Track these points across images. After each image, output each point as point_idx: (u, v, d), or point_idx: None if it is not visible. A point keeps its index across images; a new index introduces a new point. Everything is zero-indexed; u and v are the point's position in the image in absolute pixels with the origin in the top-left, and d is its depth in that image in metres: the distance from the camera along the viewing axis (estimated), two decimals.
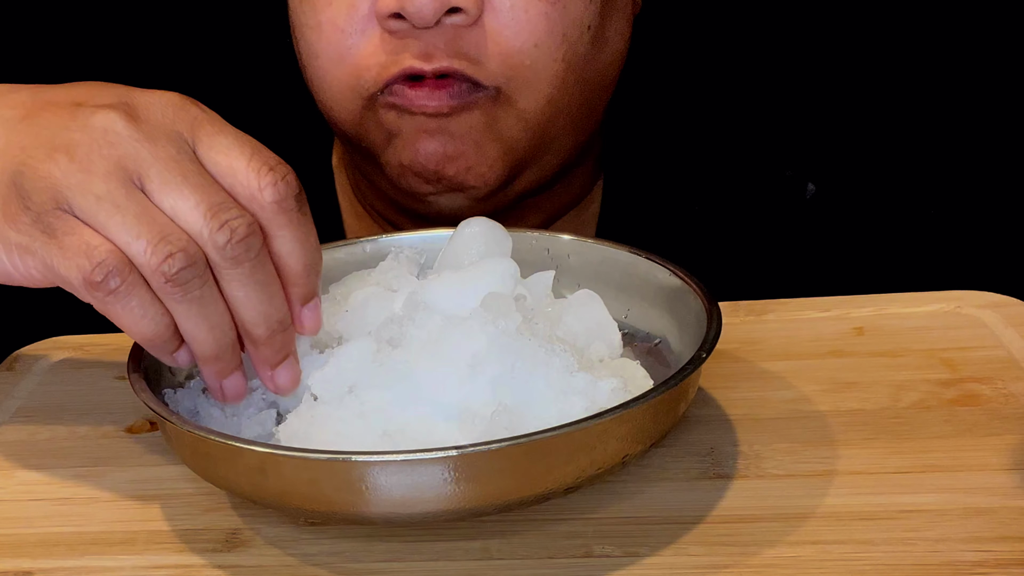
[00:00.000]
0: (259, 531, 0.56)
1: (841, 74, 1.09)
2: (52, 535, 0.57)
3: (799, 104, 0.99)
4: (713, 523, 0.54)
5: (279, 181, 0.55)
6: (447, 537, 0.54)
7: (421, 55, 0.74)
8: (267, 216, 0.55)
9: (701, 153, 0.91)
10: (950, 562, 0.50)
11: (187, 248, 0.53)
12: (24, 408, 0.69)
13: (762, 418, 0.61)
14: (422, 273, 0.66)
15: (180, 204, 0.54)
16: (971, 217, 0.94)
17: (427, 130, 0.76)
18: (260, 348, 0.57)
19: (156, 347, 0.56)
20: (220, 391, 0.58)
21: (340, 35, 0.76)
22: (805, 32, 1.12)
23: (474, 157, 0.77)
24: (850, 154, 0.94)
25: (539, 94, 0.77)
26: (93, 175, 0.54)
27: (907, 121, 1.04)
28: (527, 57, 0.75)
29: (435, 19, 0.73)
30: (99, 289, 0.53)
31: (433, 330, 0.56)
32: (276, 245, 0.55)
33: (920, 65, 1.12)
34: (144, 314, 0.54)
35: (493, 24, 0.75)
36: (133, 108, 0.56)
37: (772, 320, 0.72)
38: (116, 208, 0.53)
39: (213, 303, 0.54)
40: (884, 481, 0.56)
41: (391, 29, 0.74)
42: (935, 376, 0.64)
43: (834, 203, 0.90)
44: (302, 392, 0.58)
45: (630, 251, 0.65)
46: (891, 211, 0.91)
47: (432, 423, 0.54)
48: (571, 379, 0.54)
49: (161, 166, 0.54)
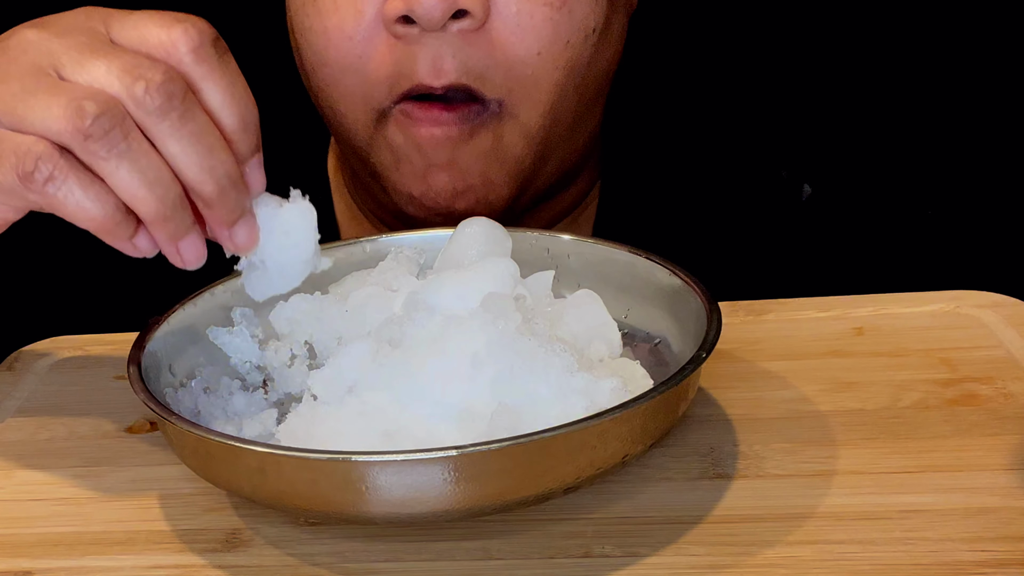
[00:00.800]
0: (259, 531, 0.56)
1: (838, 74, 1.09)
2: (52, 535, 0.57)
3: (796, 105, 0.99)
4: (713, 523, 0.54)
5: (190, 28, 0.54)
6: (447, 537, 0.54)
7: (431, 70, 0.74)
8: (188, 69, 0.54)
9: (698, 154, 0.91)
10: (950, 562, 0.50)
11: (100, 100, 0.52)
12: (24, 408, 0.69)
13: (762, 418, 0.61)
14: (422, 273, 0.66)
15: (95, 74, 0.53)
16: (971, 217, 0.94)
17: (437, 164, 0.76)
18: (214, 208, 0.55)
19: (110, 232, 0.55)
20: (178, 255, 0.56)
21: (348, 43, 0.76)
22: (801, 33, 1.13)
23: (483, 189, 0.77)
24: (849, 154, 0.94)
25: (539, 104, 0.77)
26: (9, 82, 0.54)
27: (906, 121, 1.04)
28: (529, 67, 0.75)
29: (443, 21, 0.73)
30: (33, 181, 0.53)
31: (433, 330, 0.56)
32: (205, 99, 0.55)
33: (917, 65, 1.12)
34: (86, 195, 0.53)
35: (499, 30, 0.74)
36: (44, 21, 0.57)
37: (772, 320, 0.72)
38: (30, 95, 0.53)
39: (144, 156, 0.53)
40: (884, 481, 0.56)
41: (398, 34, 0.74)
42: (935, 376, 0.64)
43: (834, 203, 0.90)
44: (302, 392, 0.58)
45: (630, 251, 0.65)
46: (890, 211, 0.91)
47: (432, 423, 0.54)
48: (571, 379, 0.54)
49: (73, 52, 0.54)
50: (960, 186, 0.97)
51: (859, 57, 1.11)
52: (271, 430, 0.58)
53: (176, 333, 0.62)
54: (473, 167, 0.77)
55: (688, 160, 0.91)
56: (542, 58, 0.75)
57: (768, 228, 0.89)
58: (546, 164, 0.80)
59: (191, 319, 0.63)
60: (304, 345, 0.64)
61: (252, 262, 0.59)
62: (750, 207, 0.90)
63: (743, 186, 0.90)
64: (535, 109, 0.77)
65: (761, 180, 0.90)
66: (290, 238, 0.59)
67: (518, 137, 0.77)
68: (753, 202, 0.90)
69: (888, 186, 0.92)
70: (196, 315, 0.64)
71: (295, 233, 0.59)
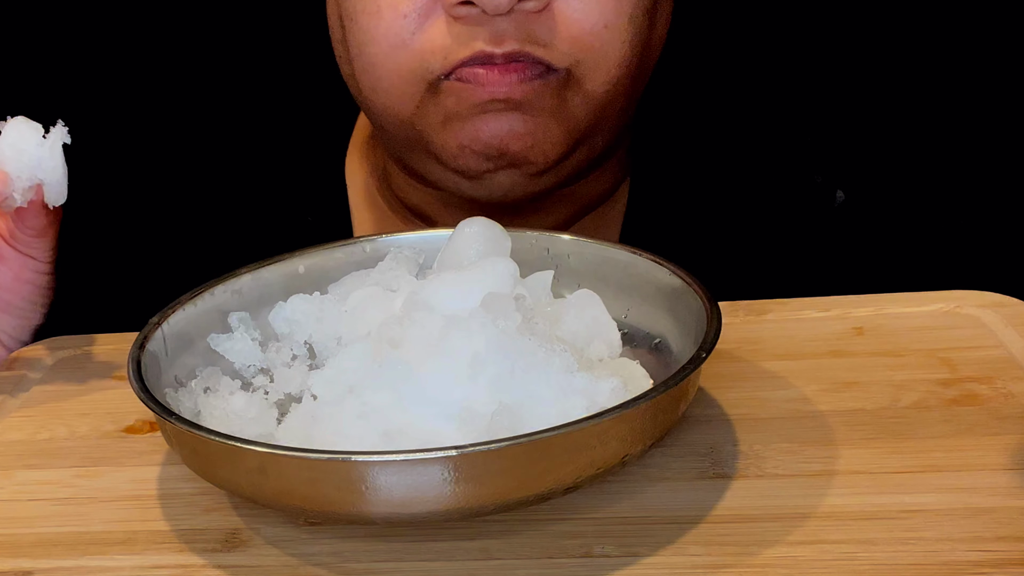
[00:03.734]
0: (259, 531, 0.56)
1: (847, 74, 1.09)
2: (52, 535, 0.57)
3: (821, 108, 0.99)
4: (713, 523, 0.54)
5: None
6: (447, 537, 0.54)
7: (492, 39, 0.74)
8: None
9: (726, 154, 0.91)
10: (950, 562, 0.50)
11: None
12: (24, 408, 0.69)
13: (762, 418, 0.61)
14: (421, 273, 0.66)
15: None
16: (971, 217, 0.94)
17: (492, 111, 0.75)
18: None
19: None
20: None
21: (402, 20, 0.75)
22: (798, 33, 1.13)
23: (540, 134, 0.76)
24: (854, 156, 0.94)
25: (607, 75, 0.77)
26: None
27: (906, 122, 1.04)
28: (597, 39, 0.75)
29: (509, 7, 0.72)
30: None
31: (433, 330, 0.56)
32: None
33: (917, 66, 1.12)
34: None
35: (563, 8, 0.74)
36: None
37: (772, 320, 0.72)
38: None
39: None
40: (884, 481, 0.56)
41: (459, 16, 0.74)
42: (935, 376, 0.64)
43: (839, 205, 0.90)
44: (302, 392, 0.58)
45: (630, 251, 0.65)
46: (891, 211, 0.91)
47: (432, 423, 0.54)
48: (571, 379, 0.54)
49: None
50: (961, 186, 0.97)
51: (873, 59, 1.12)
52: (271, 430, 0.58)
53: (176, 333, 0.62)
54: (535, 115, 0.76)
55: (719, 160, 0.91)
56: (610, 31, 0.75)
57: (794, 231, 0.89)
58: (598, 134, 0.80)
59: (191, 319, 0.63)
60: (304, 345, 0.64)
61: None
62: (779, 211, 0.89)
63: (772, 190, 0.90)
64: (602, 80, 0.77)
65: (793, 183, 0.90)
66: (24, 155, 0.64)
67: (581, 101, 0.77)
68: (785, 207, 0.90)
69: (891, 185, 0.92)
70: (196, 315, 0.64)
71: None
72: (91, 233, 0.93)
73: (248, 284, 0.66)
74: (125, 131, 1.05)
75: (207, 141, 0.96)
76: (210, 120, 0.99)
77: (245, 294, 0.65)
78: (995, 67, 1.12)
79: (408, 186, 0.87)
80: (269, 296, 0.66)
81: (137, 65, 1.14)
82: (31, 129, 0.65)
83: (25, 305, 0.74)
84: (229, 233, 0.91)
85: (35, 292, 0.74)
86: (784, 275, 0.85)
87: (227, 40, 1.15)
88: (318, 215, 0.90)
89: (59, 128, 0.65)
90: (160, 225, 0.94)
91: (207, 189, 0.94)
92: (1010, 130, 1.08)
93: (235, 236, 0.91)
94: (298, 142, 0.93)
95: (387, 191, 0.90)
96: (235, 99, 1.03)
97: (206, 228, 0.92)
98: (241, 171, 0.94)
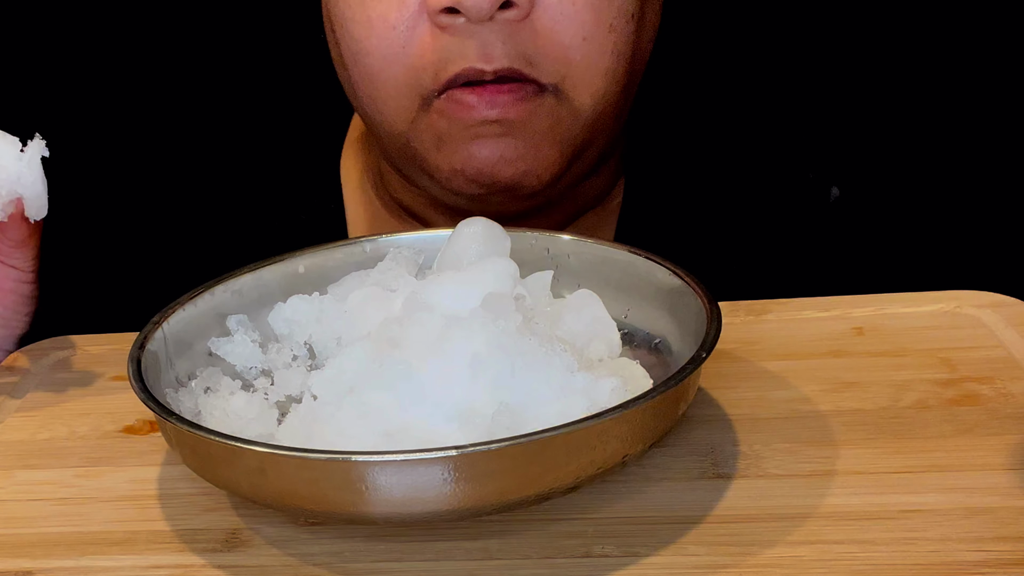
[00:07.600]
0: (259, 531, 0.56)
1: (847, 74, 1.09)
2: (52, 535, 0.57)
3: (817, 104, 0.99)
4: (713, 523, 0.54)
5: None
6: (447, 537, 0.54)
7: (481, 55, 0.74)
8: None
9: (720, 152, 0.91)
10: (950, 562, 0.50)
11: None
12: (24, 408, 0.69)
13: (762, 418, 0.61)
14: (421, 273, 0.66)
15: None
16: (971, 217, 0.94)
17: (483, 135, 0.76)
18: None
19: None
20: None
21: (392, 32, 0.75)
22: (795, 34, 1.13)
23: (533, 159, 0.77)
24: (852, 154, 0.94)
25: (593, 89, 0.77)
26: None
27: (906, 122, 1.04)
28: (578, 52, 0.75)
29: (491, 12, 0.72)
30: None
31: (433, 330, 0.56)
32: None
33: (915, 66, 1.12)
34: None
35: (543, 20, 0.74)
36: None
37: (772, 320, 0.72)
38: None
39: None
40: (884, 481, 0.56)
41: (442, 24, 0.74)
42: (935, 376, 0.64)
43: (837, 203, 0.90)
44: (302, 393, 0.58)
45: (630, 251, 0.65)
46: (891, 211, 0.91)
47: (432, 423, 0.54)
48: (571, 379, 0.54)
49: None
50: (961, 186, 0.97)
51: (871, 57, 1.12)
52: (271, 430, 0.58)
53: (176, 333, 0.62)
54: (527, 140, 0.76)
55: (713, 158, 0.91)
56: (588, 43, 0.75)
57: (790, 229, 0.89)
58: (590, 148, 0.80)
59: (191, 319, 0.63)
60: (304, 346, 0.64)
61: None
62: (775, 208, 0.89)
63: (768, 187, 0.90)
64: (589, 94, 0.77)
65: (787, 182, 0.90)
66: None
67: (572, 119, 0.77)
68: (778, 204, 0.90)
69: (891, 185, 0.92)
70: (196, 315, 0.64)
71: None
72: (87, 233, 0.93)
73: (248, 284, 0.66)
74: (120, 130, 1.05)
75: (201, 140, 0.96)
76: (204, 118, 0.99)
77: (245, 294, 0.65)
78: (995, 66, 1.12)
79: (402, 187, 0.87)
80: (269, 296, 0.66)
81: (131, 60, 1.14)
82: (8, 143, 0.65)
83: (8, 314, 0.74)
84: (224, 231, 0.91)
85: (18, 301, 0.74)
86: (784, 275, 0.85)
87: (221, 38, 1.15)
88: (313, 213, 0.91)
89: (37, 142, 0.65)
90: (155, 223, 0.94)
91: (202, 188, 0.94)
92: (1010, 130, 1.08)
93: (230, 234, 0.91)
94: (293, 140, 0.93)
95: (382, 189, 0.90)
96: (230, 97, 1.03)
97: (201, 227, 0.92)
98: (236, 169, 0.94)
